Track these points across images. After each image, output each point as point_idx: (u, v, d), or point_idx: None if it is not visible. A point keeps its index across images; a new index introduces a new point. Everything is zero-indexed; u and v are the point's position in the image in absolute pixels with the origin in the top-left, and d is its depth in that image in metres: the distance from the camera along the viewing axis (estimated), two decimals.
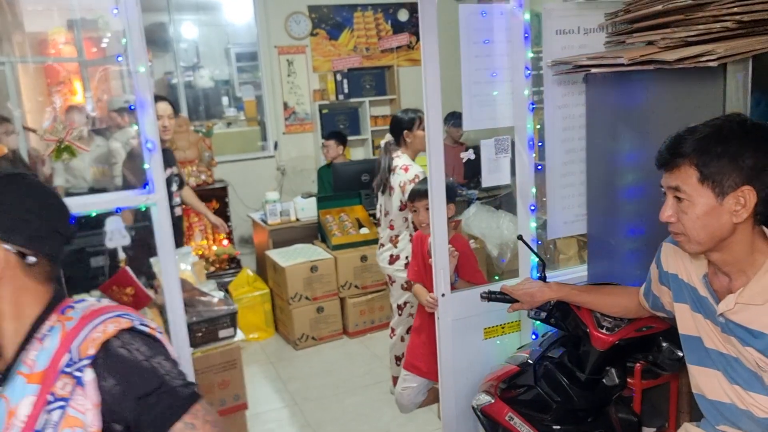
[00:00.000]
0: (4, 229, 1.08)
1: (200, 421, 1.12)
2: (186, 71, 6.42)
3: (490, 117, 2.44)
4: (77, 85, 5.01)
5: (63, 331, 1.10)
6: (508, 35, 2.38)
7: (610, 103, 2.31)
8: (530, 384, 2.03)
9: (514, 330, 2.56)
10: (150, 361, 1.12)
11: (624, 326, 1.87)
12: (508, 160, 2.47)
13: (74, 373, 1.06)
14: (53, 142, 1.80)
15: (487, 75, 2.38)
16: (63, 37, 4.94)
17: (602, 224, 2.44)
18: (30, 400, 1.05)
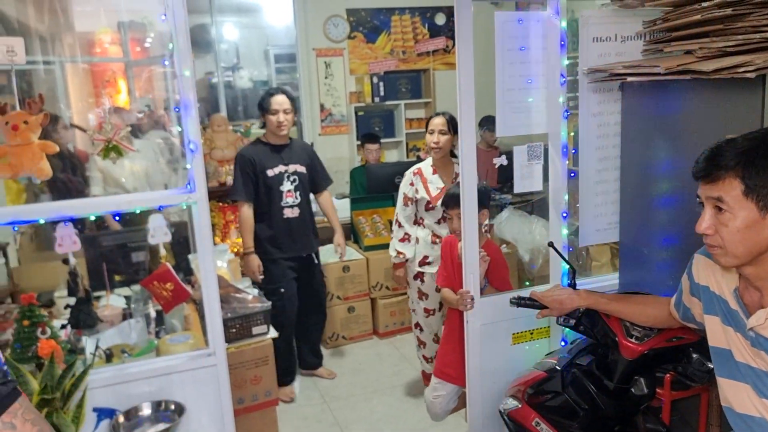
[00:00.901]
0: None
1: (20, 420, 1.10)
2: (226, 72, 6.55)
3: (523, 124, 2.44)
4: (122, 85, 5.16)
5: None
6: (543, 42, 2.39)
7: (646, 112, 2.30)
8: (558, 390, 2.04)
9: (542, 336, 2.56)
10: None
11: (654, 336, 1.87)
12: (541, 167, 2.48)
13: None
14: (102, 142, 1.88)
15: (521, 82, 2.39)
16: (109, 37, 5.10)
17: (635, 233, 2.43)
18: None
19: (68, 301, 2.24)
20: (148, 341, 2.46)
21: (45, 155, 1.88)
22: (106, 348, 2.30)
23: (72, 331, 2.34)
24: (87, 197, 3.13)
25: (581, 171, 2.53)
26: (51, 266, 3.73)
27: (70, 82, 4.74)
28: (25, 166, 1.82)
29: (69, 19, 4.00)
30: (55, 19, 3.85)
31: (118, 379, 2.06)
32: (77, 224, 2.01)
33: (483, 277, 2.55)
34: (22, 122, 1.81)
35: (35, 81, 4.16)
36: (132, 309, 2.62)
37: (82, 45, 4.55)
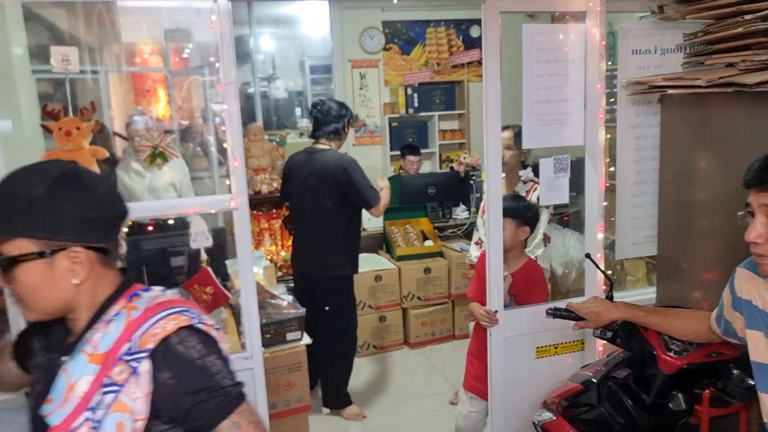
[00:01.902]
0: (80, 232, 1.12)
1: (245, 420, 1.17)
2: (262, 82, 6.67)
3: (550, 136, 2.43)
4: (161, 94, 5.29)
5: (128, 319, 1.15)
6: (573, 54, 2.38)
7: (687, 125, 2.29)
8: (593, 403, 2.02)
9: (567, 351, 2.54)
10: (204, 360, 1.16)
11: (693, 351, 1.84)
12: (567, 180, 2.46)
13: (131, 362, 1.11)
14: (148, 148, 1.94)
15: (549, 94, 2.38)
16: (150, 48, 5.24)
17: (673, 246, 2.41)
18: (88, 379, 1.11)
19: None
20: None
21: (95, 160, 1.95)
22: None
23: None
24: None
25: (618, 184, 2.52)
26: None
27: (113, 91, 4.89)
28: None
29: (116, 30, 4.13)
30: (103, 30, 3.98)
31: None
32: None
33: (507, 294, 2.52)
34: (75, 128, 1.89)
35: (80, 90, 4.30)
36: None
37: (125, 55, 4.70)
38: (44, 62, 4.24)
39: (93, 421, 1.10)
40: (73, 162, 1.16)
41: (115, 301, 1.18)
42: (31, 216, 1.08)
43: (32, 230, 1.09)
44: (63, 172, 1.12)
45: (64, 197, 1.10)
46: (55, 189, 1.09)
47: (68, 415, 1.10)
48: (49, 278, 1.12)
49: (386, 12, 6.39)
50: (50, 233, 1.10)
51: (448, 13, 6.56)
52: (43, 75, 4.37)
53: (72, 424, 1.10)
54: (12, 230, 1.09)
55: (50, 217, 1.09)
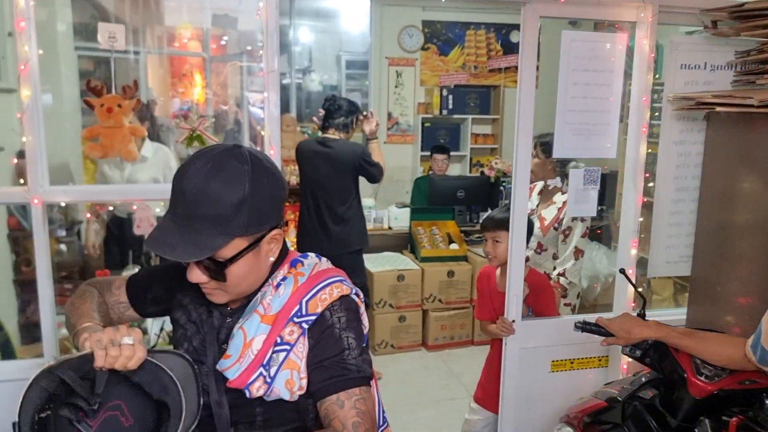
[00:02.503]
0: (277, 215, 1.19)
1: (351, 402, 1.19)
2: (297, 73, 6.69)
3: (582, 146, 2.37)
4: (197, 78, 5.33)
5: (295, 284, 1.24)
6: (613, 65, 2.31)
7: (733, 145, 2.23)
8: (617, 422, 1.97)
9: (584, 366, 2.49)
10: (342, 333, 1.23)
11: (725, 376, 1.79)
12: (596, 192, 2.41)
13: (302, 324, 1.21)
14: (187, 131, 1.94)
15: (584, 104, 2.32)
16: (189, 32, 5.28)
17: (709, 268, 2.35)
18: (262, 338, 1.20)
19: None
20: None
21: (133, 139, 1.96)
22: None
23: None
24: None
25: (656, 200, 2.47)
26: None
27: (151, 72, 4.93)
28: (115, 148, 1.91)
29: (159, 12, 4.16)
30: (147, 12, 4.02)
31: None
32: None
33: (524, 305, 2.47)
34: (117, 105, 1.90)
35: (120, 69, 4.35)
36: None
37: (166, 38, 4.74)
38: (87, 39, 4.31)
39: (266, 377, 1.20)
40: (237, 145, 1.17)
41: (279, 266, 1.26)
42: (242, 216, 1.11)
43: (245, 228, 1.13)
44: (249, 161, 1.14)
45: (263, 188, 1.14)
46: (254, 184, 1.12)
47: (245, 369, 1.19)
48: (255, 264, 1.19)
49: (427, 11, 6.37)
50: (259, 225, 1.15)
51: (488, 16, 6.51)
52: (86, 52, 4.43)
53: (249, 378, 1.19)
54: (229, 235, 1.12)
55: (257, 211, 1.13)
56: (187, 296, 1.33)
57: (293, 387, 1.21)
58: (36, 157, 1.87)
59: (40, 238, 1.94)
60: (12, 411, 1.99)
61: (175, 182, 1.13)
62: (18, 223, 3.05)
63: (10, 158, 3.53)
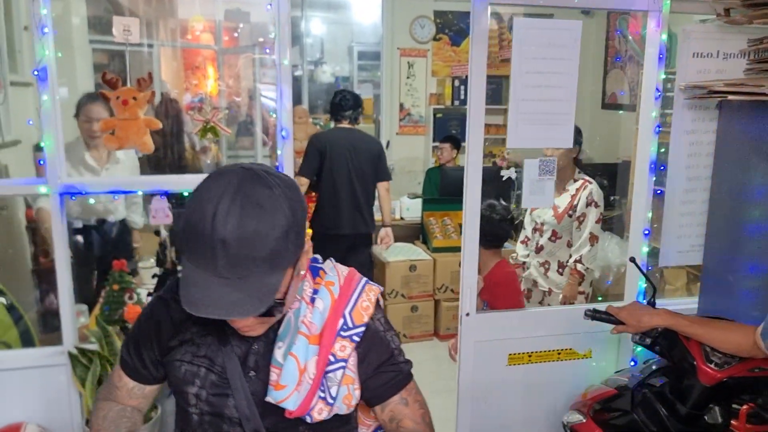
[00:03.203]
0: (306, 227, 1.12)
1: (412, 398, 1.23)
2: (309, 65, 6.70)
3: (538, 136, 2.31)
4: (210, 71, 5.36)
5: (331, 296, 1.18)
6: (567, 53, 2.25)
7: (746, 133, 2.22)
8: (626, 409, 1.99)
9: (542, 360, 2.46)
10: (386, 334, 1.22)
11: (735, 364, 1.80)
12: (553, 183, 2.36)
13: (353, 337, 1.16)
14: (200, 122, 1.97)
15: (539, 93, 2.26)
16: (202, 25, 5.31)
17: (721, 258, 2.35)
18: (314, 360, 1.14)
19: (155, 271, 2.36)
20: None
21: (148, 131, 1.99)
22: None
23: None
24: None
25: (668, 190, 2.46)
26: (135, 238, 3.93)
27: (164, 65, 4.97)
28: (131, 140, 1.94)
29: (173, 6, 4.20)
30: (160, 5, 4.05)
31: None
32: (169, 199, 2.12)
33: (478, 299, 2.49)
34: (132, 98, 1.93)
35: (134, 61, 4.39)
36: None
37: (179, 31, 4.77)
38: (102, 33, 4.35)
39: (327, 398, 1.15)
40: (245, 167, 1.04)
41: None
42: (290, 243, 1.02)
43: (294, 254, 1.05)
44: (271, 182, 1.02)
45: (296, 205, 1.04)
46: (290, 204, 1.02)
47: (305, 397, 1.13)
48: (296, 284, 1.12)
49: (438, 2, 6.35)
50: (300, 246, 1.07)
51: (500, 6, 6.48)
52: (100, 45, 4.48)
53: (310, 404, 1.14)
54: (282, 269, 1.03)
55: (300, 231, 1.05)
56: (185, 332, 1.20)
57: (351, 401, 1.18)
58: (54, 149, 1.91)
59: (58, 228, 1.98)
60: (32, 396, 2.05)
61: (201, 234, 0.97)
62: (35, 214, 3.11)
63: (28, 150, 3.60)
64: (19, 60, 3.65)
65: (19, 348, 2.26)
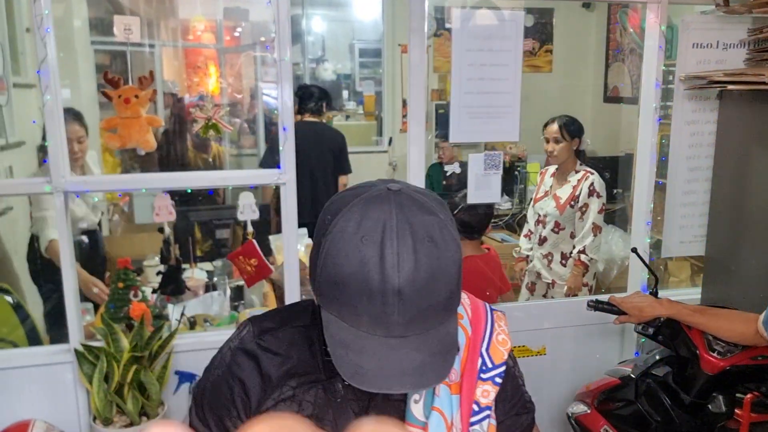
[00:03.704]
0: None
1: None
2: (311, 63, 6.71)
3: (482, 130, 2.26)
4: (212, 70, 5.38)
5: (466, 334, 0.98)
6: (509, 44, 2.21)
7: (745, 123, 2.22)
8: (630, 399, 2.00)
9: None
10: (515, 370, 1.04)
11: (737, 353, 1.80)
12: (499, 177, 2.31)
13: (495, 379, 0.98)
14: (202, 119, 1.98)
15: (481, 85, 2.20)
16: (203, 25, 5.33)
17: (723, 247, 2.35)
18: (458, 413, 0.95)
19: (160, 269, 2.38)
20: (229, 313, 2.57)
21: (150, 129, 2.00)
22: (189, 316, 2.42)
23: (160, 297, 2.48)
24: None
25: (669, 181, 2.47)
26: (139, 237, 3.96)
27: (166, 64, 4.99)
28: (133, 138, 1.95)
29: (173, 5, 4.21)
30: (161, 4, 4.07)
31: (200, 345, 2.17)
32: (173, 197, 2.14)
33: None
34: (134, 96, 1.94)
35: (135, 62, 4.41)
36: (215, 282, 2.75)
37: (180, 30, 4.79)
38: (103, 34, 4.37)
39: None
40: (397, 183, 0.87)
41: None
42: (460, 277, 0.86)
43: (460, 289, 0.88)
44: (432, 206, 0.85)
45: (453, 227, 0.88)
46: (453, 228, 0.86)
47: None
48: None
49: None
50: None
51: (500, 1, 6.48)
52: (102, 46, 4.50)
53: None
54: (454, 311, 0.87)
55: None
56: (282, 387, 0.94)
57: None
58: (57, 149, 1.93)
59: (63, 228, 2.00)
60: (40, 394, 2.06)
61: (367, 287, 0.78)
62: None
63: (32, 151, 3.62)
64: (22, 62, 3.67)
65: (26, 347, 2.28)
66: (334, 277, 0.80)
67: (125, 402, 1.96)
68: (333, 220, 0.83)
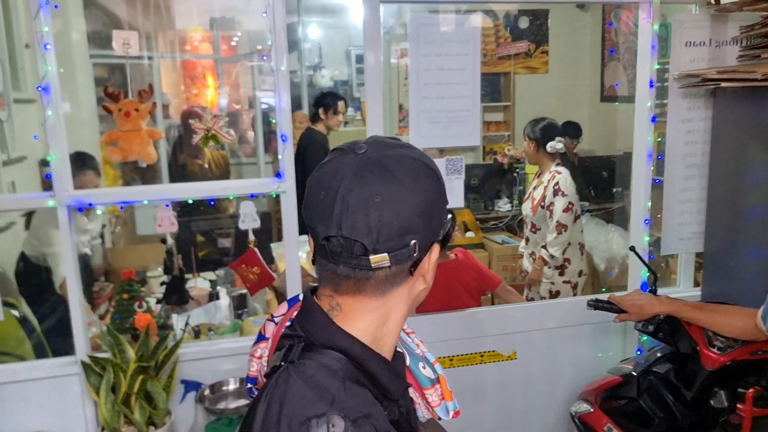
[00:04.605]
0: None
1: None
2: (308, 70, 6.74)
3: (443, 135, 2.24)
4: (209, 80, 5.41)
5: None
6: (466, 48, 2.21)
7: (740, 119, 2.24)
8: (632, 396, 2.02)
9: (464, 363, 2.40)
10: None
11: (738, 347, 1.82)
12: (462, 182, 2.29)
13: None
14: (202, 131, 2.00)
15: (439, 90, 2.20)
16: (200, 35, 5.36)
17: (721, 243, 2.37)
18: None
19: (164, 279, 2.40)
20: (232, 322, 2.59)
21: (151, 141, 2.03)
22: (194, 326, 2.44)
23: (164, 307, 2.50)
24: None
25: (666, 178, 2.49)
26: (141, 248, 3.98)
27: (164, 76, 5.02)
28: (134, 150, 1.98)
29: (170, 17, 4.25)
30: (158, 17, 4.10)
31: (205, 354, 2.19)
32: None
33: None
34: (134, 109, 1.97)
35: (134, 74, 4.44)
36: (218, 291, 2.77)
37: (177, 42, 4.83)
38: (101, 47, 4.40)
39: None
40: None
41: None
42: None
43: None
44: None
45: None
46: None
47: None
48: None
49: (430, 4, 6.37)
50: None
51: (495, 3, 6.51)
52: (100, 60, 4.53)
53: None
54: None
55: None
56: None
57: None
58: (60, 162, 1.95)
59: (67, 241, 2.02)
60: (49, 406, 2.08)
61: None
62: None
63: (34, 166, 3.65)
64: (22, 77, 3.71)
65: (33, 360, 2.30)
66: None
67: (133, 412, 1.97)
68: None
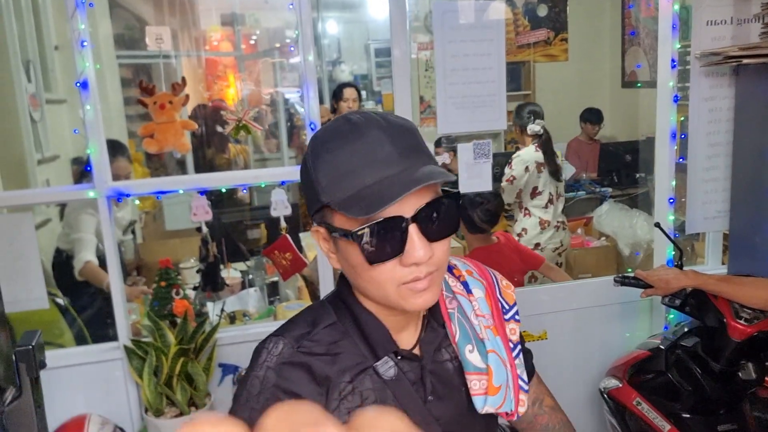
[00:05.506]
0: None
1: (538, 379, 1.20)
2: (327, 65, 6.80)
3: (469, 120, 2.27)
4: (231, 78, 5.50)
5: (482, 284, 1.07)
6: (492, 34, 2.24)
7: (763, 96, 2.25)
8: (661, 370, 2.04)
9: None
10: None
11: (764, 319, 1.84)
12: (489, 166, 2.32)
13: (515, 317, 1.07)
14: (233, 121, 2.07)
15: (465, 76, 2.23)
16: (220, 34, 5.45)
17: (747, 221, 2.38)
18: (506, 354, 1.04)
19: (200, 266, 2.48)
20: (266, 308, 2.67)
21: (185, 132, 2.10)
22: (228, 312, 2.52)
23: (199, 295, 2.58)
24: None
25: (690, 157, 2.50)
26: (171, 243, 4.08)
27: (187, 75, 5.12)
28: (169, 142, 2.05)
29: (194, 16, 4.33)
30: (182, 16, 4.19)
31: (242, 338, 2.27)
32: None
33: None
34: (168, 102, 2.04)
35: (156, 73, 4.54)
36: (251, 279, 2.85)
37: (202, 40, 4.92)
38: (127, 48, 4.51)
39: (524, 386, 1.05)
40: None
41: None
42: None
43: None
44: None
45: None
46: None
47: (515, 393, 1.03)
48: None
49: None
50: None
51: None
52: (126, 60, 4.64)
53: (519, 397, 1.03)
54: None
55: None
56: (339, 385, 0.92)
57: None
58: (99, 155, 2.04)
59: (108, 231, 2.10)
60: (94, 390, 2.17)
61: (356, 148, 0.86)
62: None
63: (66, 164, 3.76)
64: (52, 79, 3.82)
65: None
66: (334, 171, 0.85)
67: (175, 393, 2.06)
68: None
